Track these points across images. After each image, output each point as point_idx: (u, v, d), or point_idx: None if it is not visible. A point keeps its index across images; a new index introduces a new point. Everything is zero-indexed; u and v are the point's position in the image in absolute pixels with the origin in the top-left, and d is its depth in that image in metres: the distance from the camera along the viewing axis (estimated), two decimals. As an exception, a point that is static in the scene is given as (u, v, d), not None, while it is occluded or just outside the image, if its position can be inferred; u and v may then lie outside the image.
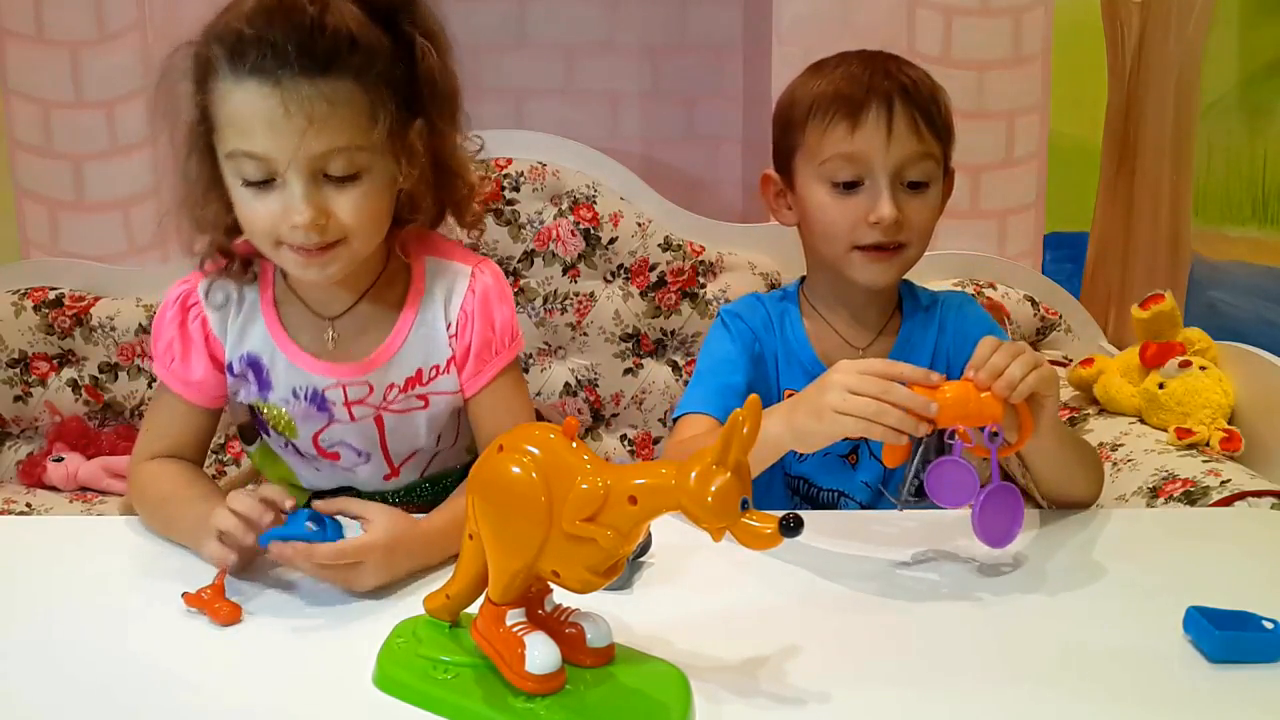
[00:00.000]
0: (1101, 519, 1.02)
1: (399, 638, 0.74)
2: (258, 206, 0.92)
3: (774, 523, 0.60)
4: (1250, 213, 1.82)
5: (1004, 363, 0.87)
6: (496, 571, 0.67)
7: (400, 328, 1.03)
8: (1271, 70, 1.81)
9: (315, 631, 0.80)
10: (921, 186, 1.07)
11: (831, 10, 1.89)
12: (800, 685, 0.71)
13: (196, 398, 1.05)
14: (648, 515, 0.62)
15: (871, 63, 1.09)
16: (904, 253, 1.08)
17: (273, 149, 0.89)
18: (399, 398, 1.04)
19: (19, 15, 1.92)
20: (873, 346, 1.14)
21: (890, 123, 1.04)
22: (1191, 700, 0.70)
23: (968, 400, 0.86)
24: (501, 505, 0.65)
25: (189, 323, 1.04)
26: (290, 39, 0.87)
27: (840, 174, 1.07)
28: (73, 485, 1.82)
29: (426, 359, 1.04)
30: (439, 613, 0.74)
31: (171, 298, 1.05)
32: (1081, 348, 1.86)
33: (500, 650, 0.67)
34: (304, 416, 1.05)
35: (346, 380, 1.03)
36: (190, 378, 1.04)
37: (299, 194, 0.89)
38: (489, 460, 0.66)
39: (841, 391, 0.86)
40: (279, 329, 1.03)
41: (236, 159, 0.90)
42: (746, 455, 0.60)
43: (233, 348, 1.04)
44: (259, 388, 1.04)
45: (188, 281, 1.06)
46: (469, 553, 0.70)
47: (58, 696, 0.71)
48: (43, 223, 1.99)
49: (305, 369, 1.03)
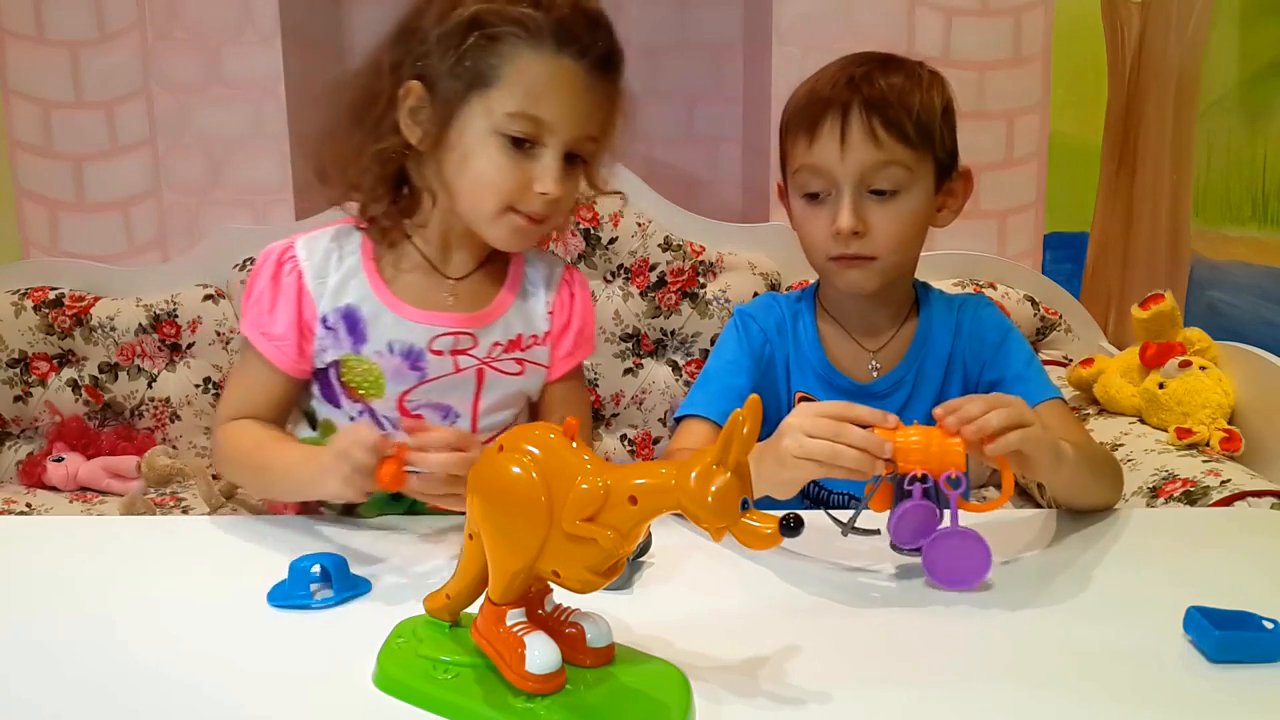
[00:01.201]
0: (1102, 519, 1.02)
1: (399, 637, 0.74)
2: (509, 168, 1.00)
3: (774, 523, 0.60)
4: (1250, 213, 1.82)
5: (977, 411, 0.85)
6: (497, 571, 0.67)
7: (507, 292, 1.11)
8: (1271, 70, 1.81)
9: (316, 631, 0.80)
10: (888, 194, 1.05)
11: (831, 10, 1.89)
12: (800, 685, 0.71)
13: (276, 358, 1.06)
14: (648, 515, 0.62)
15: (843, 69, 1.07)
16: (876, 263, 1.07)
17: (556, 118, 0.99)
18: (501, 356, 1.10)
19: (19, 15, 1.92)
20: (886, 349, 1.14)
21: (844, 133, 1.03)
22: (1191, 700, 0.70)
23: (928, 444, 0.84)
24: (502, 505, 0.65)
25: (283, 276, 1.06)
26: (604, 42, 1.01)
27: (808, 185, 1.07)
28: (73, 485, 1.82)
29: (527, 326, 1.11)
30: (439, 613, 0.74)
31: (267, 253, 1.08)
32: (1081, 348, 1.86)
33: (500, 650, 0.67)
34: (394, 373, 1.07)
35: (454, 329, 1.07)
36: (273, 330, 1.06)
37: (555, 168, 1.00)
38: (489, 460, 0.66)
39: (798, 435, 0.86)
40: (380, 283, 1.07)
41: (516, 119, 0.98)
42: (746, 455, 0.60)
43: (329, 300, 1.06)
44: (353, 341, 1.06)
45: (286, 241, 1.09)
46: (469, 553, 0.70)
47: (57, 696, 0.71)
48: (43, 223, 1.99)
49: (411, 319, 1.06)
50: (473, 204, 1.03)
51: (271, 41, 1.91)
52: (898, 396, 1.12)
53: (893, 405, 1.12)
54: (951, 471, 0.83)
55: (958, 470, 0.83)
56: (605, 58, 1.01)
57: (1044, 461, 0.89)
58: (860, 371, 1.13)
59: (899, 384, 1.12)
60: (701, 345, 1.85)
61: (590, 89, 1.00)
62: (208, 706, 0.69)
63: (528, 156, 1.00)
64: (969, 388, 1.13)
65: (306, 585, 0.83)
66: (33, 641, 0.79)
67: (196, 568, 0.91)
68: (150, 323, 1.86)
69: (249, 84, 1.92)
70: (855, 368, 1.13)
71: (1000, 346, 1.13)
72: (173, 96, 1.93)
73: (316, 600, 0.82)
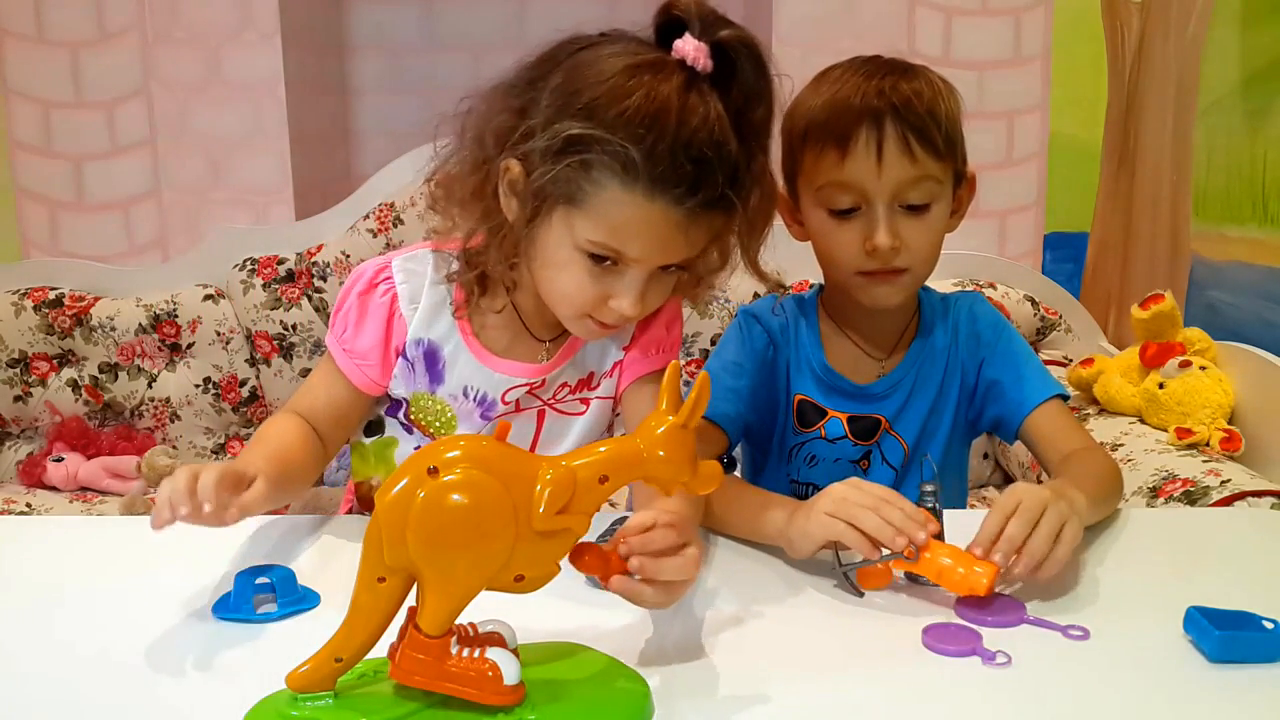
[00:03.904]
0: (1102, 519, 1.02)
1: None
2: (589, 284, 0.93)
3: (718, 466, 0.67)
4: (1250, 213, 1.82)
5: (1021, 534, 0.81)
6: (443, 602, 0.63)
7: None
8: (1271, 70, 1.81)
9: (316, 631, 0.80)
10: (922, 209, 1.03)
11: (831, 10, 1.89)
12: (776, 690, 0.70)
13: (352, 372, 1.04)
14: (616, 489, 0.64)
15: (867, 79, 1.03)
16: (906, 275, 1.05)
17: (642, 255, 0.91)
18: (567, 397, 1.07)
19: (19, 15, 1.93)
20: (890, 357, 1.13)
21: (881, 148, 1.01)
22: (1191, 700, 0.70)
23: (956, 567, 0.79)
24: (460, 528, 0.61)
25: (375, 296, 1.04)
26: (716, 178, 0.88)
27: (836, 201, 1.05)
28: (73, 485, 1.82)
29: (601, 361, 1.08)
30: (322, 683, 0.65)
31: (363, 269, 1.06)
32: (1081, 348, 1.86)
33: (462, 679, 0.64)
34: (466, 416, 1.06)
35: (529, 379, 1.05)
36: (357, 346, 1.04)
37: (637, 290, 0.93)
38: (428, 488, 0.61)
39: (837, 500, 0.86)
40: (466, 325, 1.04)
41: (597, 245, 0.91)
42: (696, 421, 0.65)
43: (416, 329, 1.04)
44: (429, 380, 1.05)
45: (384, 259, 1.07)
46: (372, 602, 0.63)
47: (57, 696, 0.71)
48: (43, 223, 1.99)
49: (491, 368, 1.04)
50: (552, 304, 0.98)
51: (271, 41, 1.91)
52: (896, 398, 1.12)
53: (891, 406, 1.12)
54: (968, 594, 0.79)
55: (977, 595, 0.79)
56: (716, 199, 0.89)
57: (1070, 543, 0.86)
58: (860, 374, 1.13)
59: (897, 385, 1.12)
60: (702, 345, 1.85)
61: (691, 225, 0.90)
62: (207, 706, 0.69)
63: (609, 273, 0.93)
64: (967, 389, 1.13)
65: (249, 597, 0.81)
66: (32, 641, 0.79)
67: (197, 567, 0.91)
68: (150, 323, 1.86)
69: (249, 84, 1.92)
70: (855, 370, 1.13)
71: (996, 344, 1.12)
72: (173, 96, 1.93)
73: (258, 614, 0.81)
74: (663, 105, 0.86)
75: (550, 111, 0.89)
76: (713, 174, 0.87)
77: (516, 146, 0.91)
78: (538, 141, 0.90)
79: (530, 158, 0.91)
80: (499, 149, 0.93)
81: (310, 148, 2.04)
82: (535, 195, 0.91)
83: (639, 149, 0.86)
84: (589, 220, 0.90)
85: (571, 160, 0.88)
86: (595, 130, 0.87)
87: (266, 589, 0.82)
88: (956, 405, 1.12)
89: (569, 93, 0.88)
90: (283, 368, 1.88)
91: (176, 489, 0.79)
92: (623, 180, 0.87)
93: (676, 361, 0.68)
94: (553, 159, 0.89)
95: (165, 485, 0.81)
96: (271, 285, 1.86)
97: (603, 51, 0.90)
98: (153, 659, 0.76)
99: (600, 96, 0.87)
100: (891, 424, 1.12)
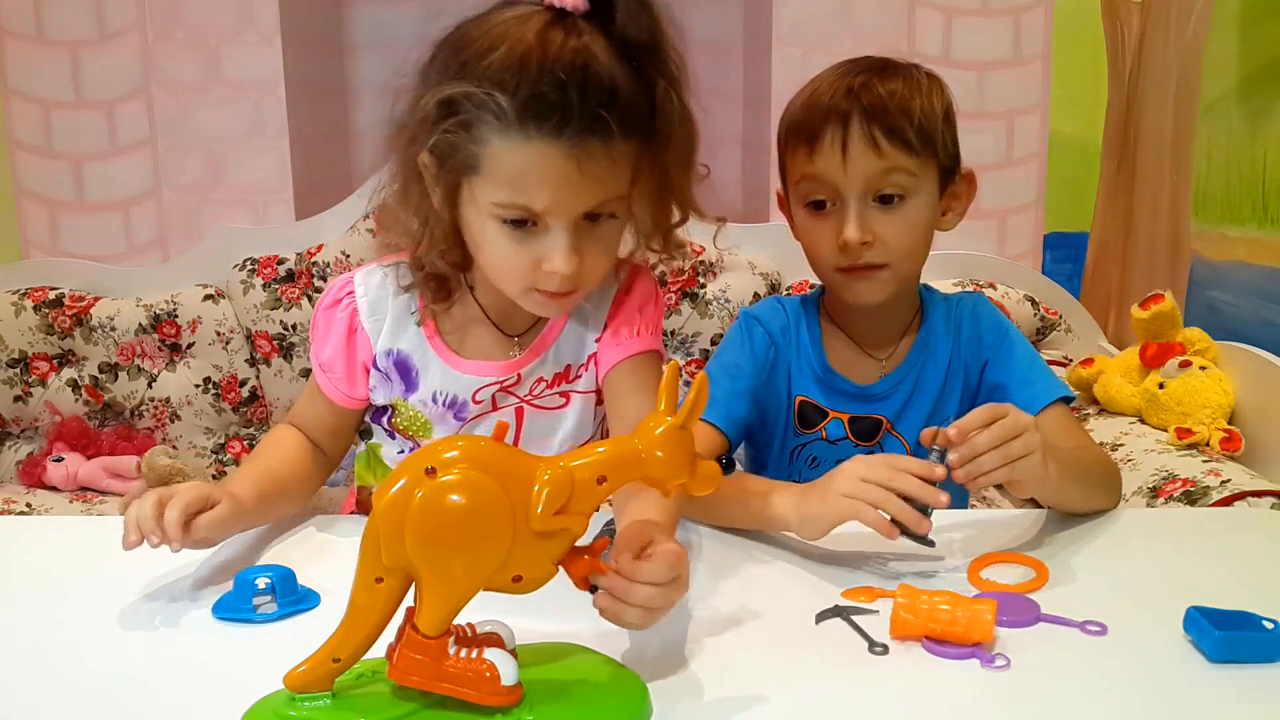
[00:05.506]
0: (1102, 519, 1.02)
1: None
2: (516, 250, 0.91)
3: (716, 466, 0.67)
4: (1250, 213, 1.82)
5: (985, 446, 0.86)
6: (442, 602, 0.63)
7: (555, 325, 1.05)
8: (1271, 70, 1.81)
9: (316, 631, 0.80)
10: (894, 200, 1.04)
11: (831, 10, 1.89)
12: (774, 690, 0.71)
13: (325, 386, 1.07)
14: (614, 489, 0.64)
15: (841, 78, 1.05)
16: (885, 271, 1.06)
17: (550, 204, 0.88)
18: (545, 392, 1.06)
19: (19, 15, 1.92)
20: (891, 358, 1.13)
21: (845, 143, 1.02)
22: (1191, 700, 0.70)
23: (955, 615, 0.76)
24: (458, 529, 0.61)
25: (338, 310, 1.06)
26: (587, 101, 0.85)
27: (811, 194, 1.07)
28: (73, 485, 1.82)
29: (578, 353, 1.06)
30: (319, 683, 0.65)
31: (331, 285, 1.08)
32: (1081, 348, 1.86)
33: (460, 679, 0.64)
34: (439, 419, 1.06)
35: (499, 377, 1.04)
36: (324, 360, 1.06)
37: (564, 245, 0.89)
38: (426, 488, 0.61)
39: (852, 477, 0.87)
40: (434, 331, 1.05)
41: (505, 208, 0.89)
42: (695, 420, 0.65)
43: (384, 340, 1.05)
44: (406, 388, 1.05)
45: (348, 275, 1.08)
46: (370, 602, 0.63)
47: (56, 696, 0.71)
48: (43, 223, 1.99)
49: (459, 370, 1.04)
50: (496, 283, 0.97)
51: (271, 41, 1.91)
52: (897, 398, 1.12)
53: (892, 407, 1.12)
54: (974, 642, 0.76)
55: (985, 640, 0.76)
56: (597, 120, 0.85)
57: (1035, 481, 0.90)
58: (861, 375, 1.13)
59: (898, 386, 1.12)
60: (702, 345, 1.85)
61: (585, 158, 0.86)
62: (207, 707, 0.69)
63: (531, 235, 0.90)
64: (969, 389, 1.13)
65: (249, 597, 0.81)
66: (32, 641, 0.79)
67: (195, 567, 0.91)
68: (150, 323, 1.86)
69: (249, 84, 1.92)
70: (856, 371, 1.13)
71: (999, 346, 1.12)
72: (173, 96, 1.93)
73: (258, 614, 0.81)
74: (525, 47, 0.85)
75: (435, 85, 0.89)
76: (584, 99, 0.85)
77: (424, 135, 0.91)
78: (423, 125, 0.90)
79: (436, 143, 0.90)
80: (415, 145, 0.92)
81: (310, 148, 2.04)
82: (446, 176, 0.91)
83: (504, 93, 0.85)
84: (486, 182, 0.89)
85: (450, 123, 0.88)
86: (464, 86, 0.86)
87: (266, 589, 0.82)
88: (959, 406, 1.12)
89: (449, 64, 0.89)
90: (283, 368, 1.88)
91: (144, 518, 0.84)
92: (499, 129, 0.86)
93: (676, 362, 0.69)
94: (434, 127, 0.89)
95: (132, 510, 0.85)
96: (271, 285, 1.86)
97: (486, 18, 0.90)
98: (152, 659, 0.76)
99: (469, 57, 0.87)
100: (893, 424, 1.12)
